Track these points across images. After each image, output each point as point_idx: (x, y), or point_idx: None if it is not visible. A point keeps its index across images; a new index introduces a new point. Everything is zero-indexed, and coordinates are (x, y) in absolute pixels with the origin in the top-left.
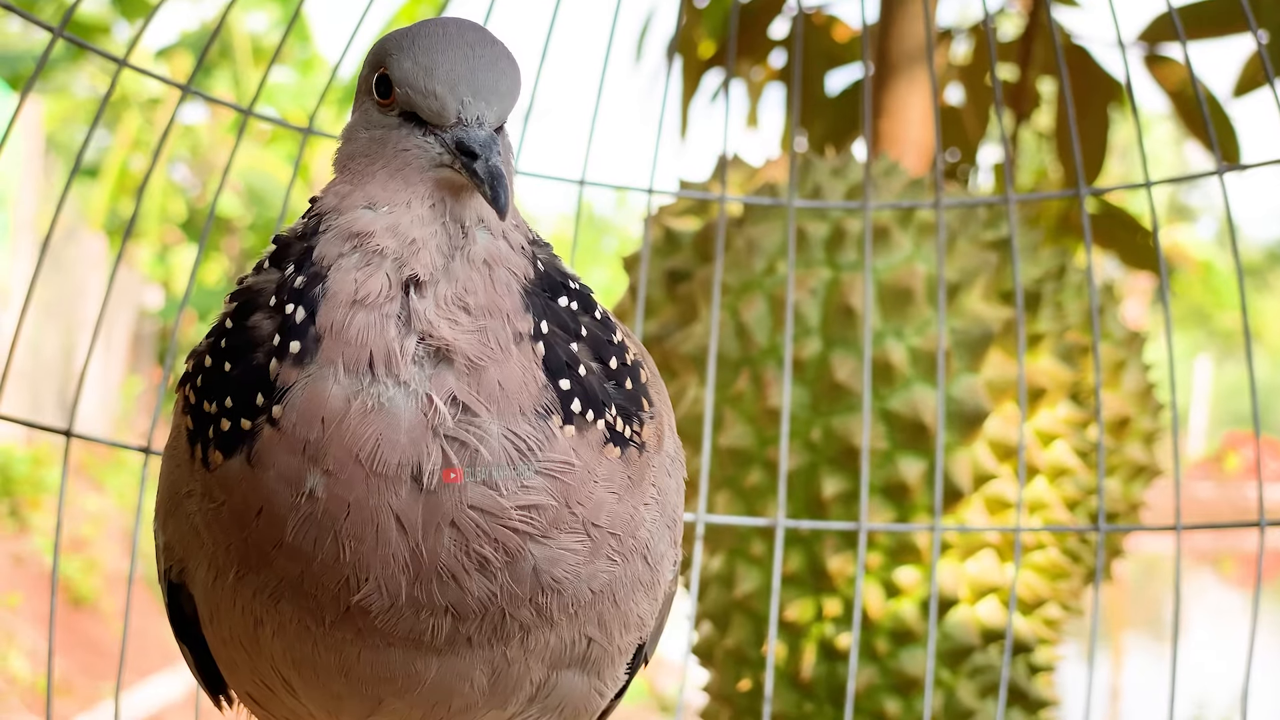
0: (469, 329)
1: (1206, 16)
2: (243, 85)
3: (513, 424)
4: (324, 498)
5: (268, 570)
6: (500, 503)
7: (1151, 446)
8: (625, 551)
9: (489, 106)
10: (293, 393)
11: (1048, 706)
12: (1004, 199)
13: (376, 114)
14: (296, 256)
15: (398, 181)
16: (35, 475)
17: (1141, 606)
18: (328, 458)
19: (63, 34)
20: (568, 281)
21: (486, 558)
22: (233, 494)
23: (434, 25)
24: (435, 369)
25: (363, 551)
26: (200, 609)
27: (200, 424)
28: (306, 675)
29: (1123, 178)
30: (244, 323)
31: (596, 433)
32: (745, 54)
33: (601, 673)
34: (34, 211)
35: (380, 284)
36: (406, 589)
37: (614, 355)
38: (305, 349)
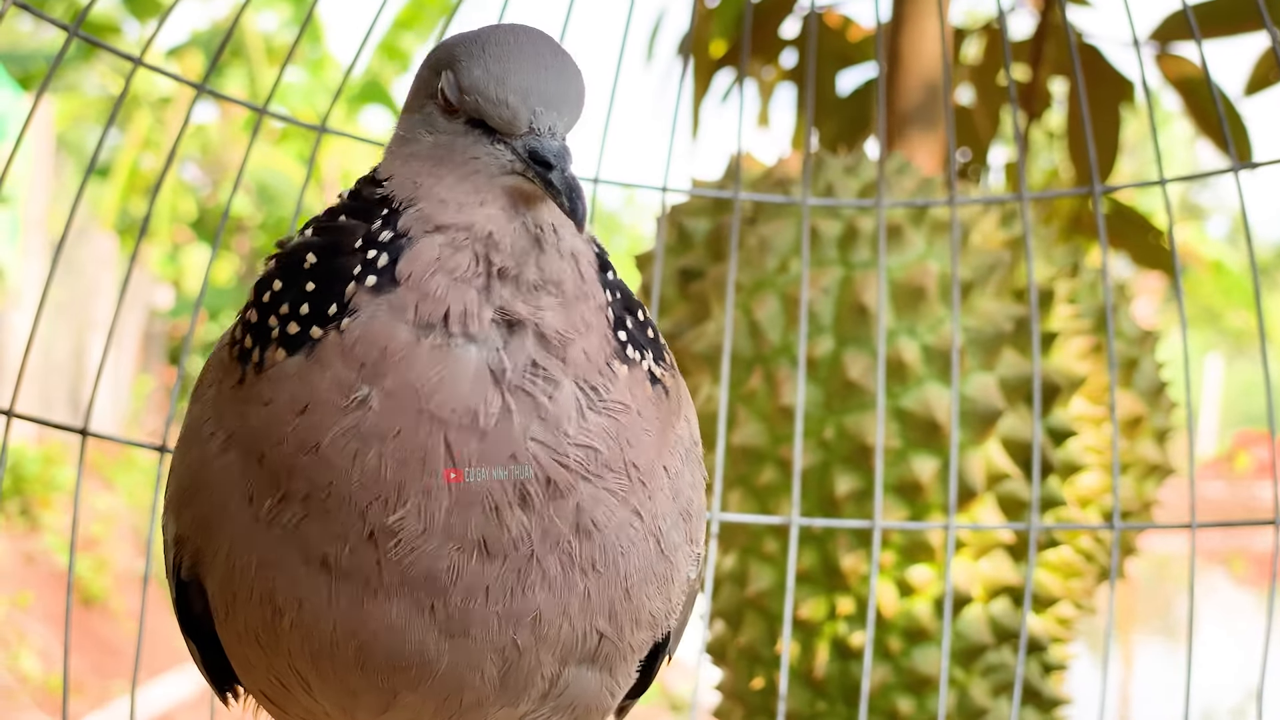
0: (551, 306)
1: (1219, 15)
2: (256, 84)
3: (589, 375)
4: (375, 411)
5: (297, 481)
6: (561, 441)
7: (1164, 445)
8: (646, 515)
9: (560, 116)
10: (361, 314)
11: (1060, 705)
12: (1018, 197)
13: (441, 119)
14: (382, 216)
15: (467, 186)
16: (46, 474)
17: (1152, 605)
18: (385, 381)
19: (78, 33)
20: (603, 253)
21: (529, 495)
22: (282, 391)
23: (503, 32)
24: (513, 337)
25: (405, 475)
26: (215, 604)
27: (262, 331)
28: (324, 669)
29: (1133, 176)
30: (329, 259)
31: (642, 371)
32: (756, 53)
33: (613, 670)
34: (44, 210)
35: (468, 261)
36: (444, 516)
37: (639, 308)
38: (382, 285)
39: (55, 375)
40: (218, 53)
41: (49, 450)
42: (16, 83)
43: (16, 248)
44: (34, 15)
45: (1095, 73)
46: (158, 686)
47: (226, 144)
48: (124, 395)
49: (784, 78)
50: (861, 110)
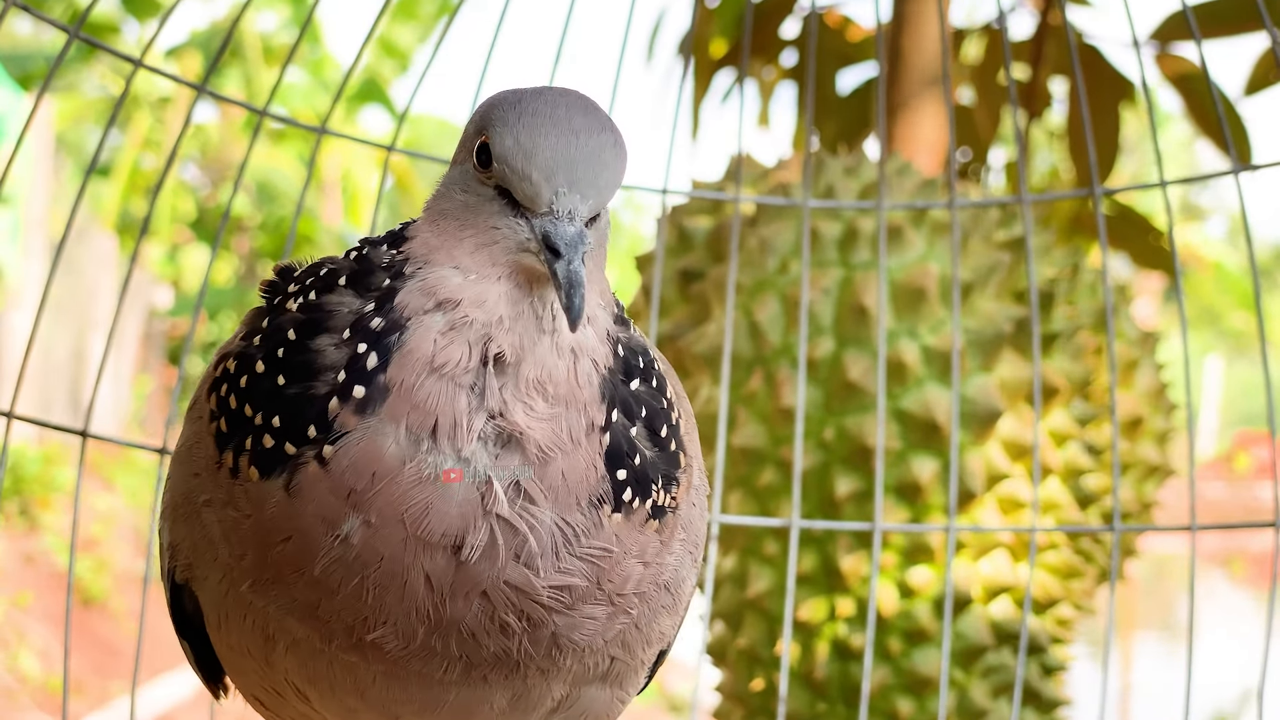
0: (543, 417)
1: (1219, 15)
2: (254, 85)
3: (566, 513)
4: (358, 545)
5: (283, 589)
6: (535, 582)
7: (1164, 446)
8: (648, 599)
9: (583, 200)
10: (349, 439)
11: (1060, 706)
12: (1018, 199)
13: (474, 180)
14: (379, 293)
15: (483, 256)
16: (45, 474)
17: (1151, 606)
18: (372, 510)
19: (78, 35)
20: (639, 360)
21: (509, 624)
22: (261, 513)
23: (544, 102)
24: (501, 451)
25: (385, 600)
26: (208, 614)
27: (236, 430)
28: (322, 690)
29: (1131, 177)
30: (308, 341)
31: (642, 513)
32: (756, 54)
33: (624, 684)
34: (44, 210)
35: (461, 353)
36: (423, 637)
37: (664, 423)
38: (370, 398)
39: (54, 375)
40: (218, 54)
41: (48, 450)
42: (16, 83)
43: (17, 248)
44: (34, 17)
45: (1095, 73)
46: (157, 687)
47: (226, 144)
48: (124, 395)
49: (784, 78)
50: (861, 110)
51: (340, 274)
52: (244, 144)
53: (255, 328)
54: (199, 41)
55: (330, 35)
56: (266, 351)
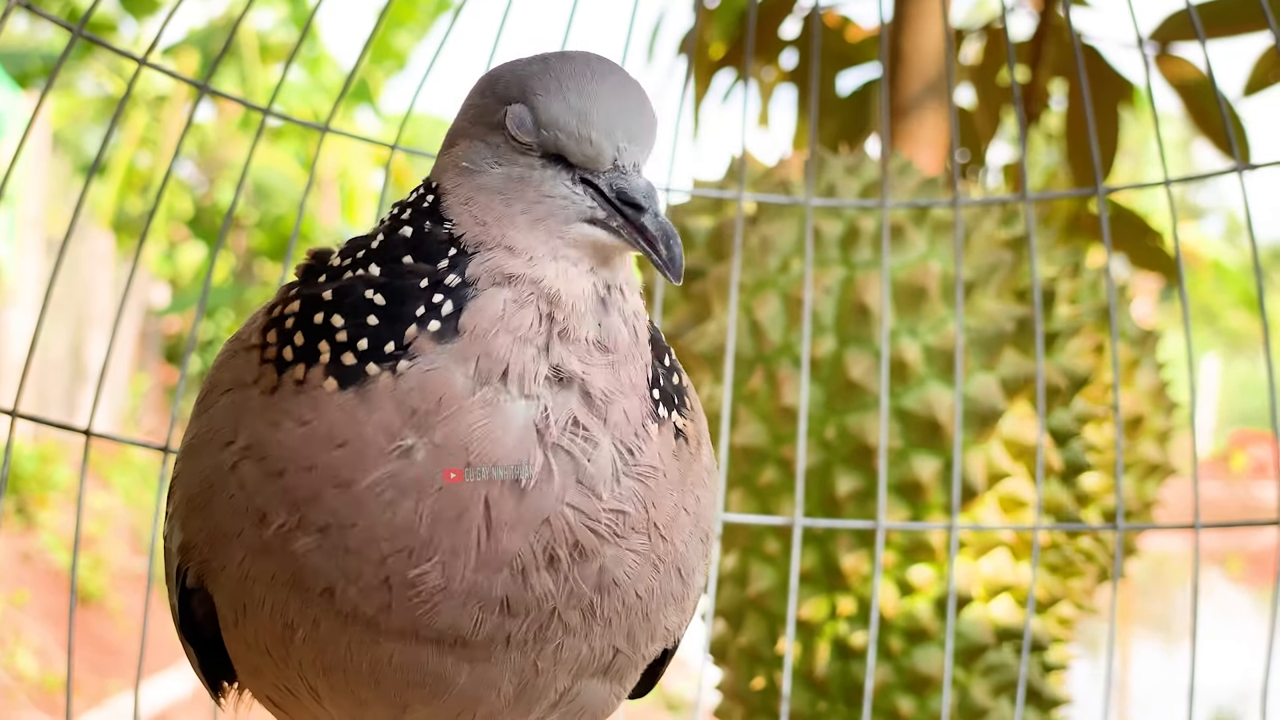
0: (601, 364)
1: (1219, 15)
2: (250, 83)
3: (626, 437)
4: (420, 463)
5: (318, 511)
6: (595, 506)
7: (1165, 445)
8: (668, 558)
9: (642, 151)
10: (420, 361)
11: (1060, 705)
12: (1020, 198)
13: (509, 151)
14: (449, 259)
15: (540, 232)
16: (42, 473)
17: (1149, 605)
18: (436, 432)
19: (82, 33)
20: None
21: (558, 556)
22: (322, 417)
23: (577, 64)
24: (560, 390)
25: (437, 530)
26: (223, 612)
27: (305, 354)
28: (335, 680)
29: (1128, 177)
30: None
31: (669, 428)
32: (756, 54)
33: (623, 679)
34: (41, 208)
35: (531, 319)
36: (468, 576)
37: (665, 353)
38: (444, 333)
39: (52, 373)
40: (221, 53)
41: (45, 449)
42: (13, 81)
43: (12, 246)
44: (35, 14)
45: (1094, 74)
46: (155, 685)
47: (222, 142)
48: (120, 393)
49: (784, 78)
50: (861, 111)
51: (400, 246)
52: (240, 142)
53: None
54: (196, 40)
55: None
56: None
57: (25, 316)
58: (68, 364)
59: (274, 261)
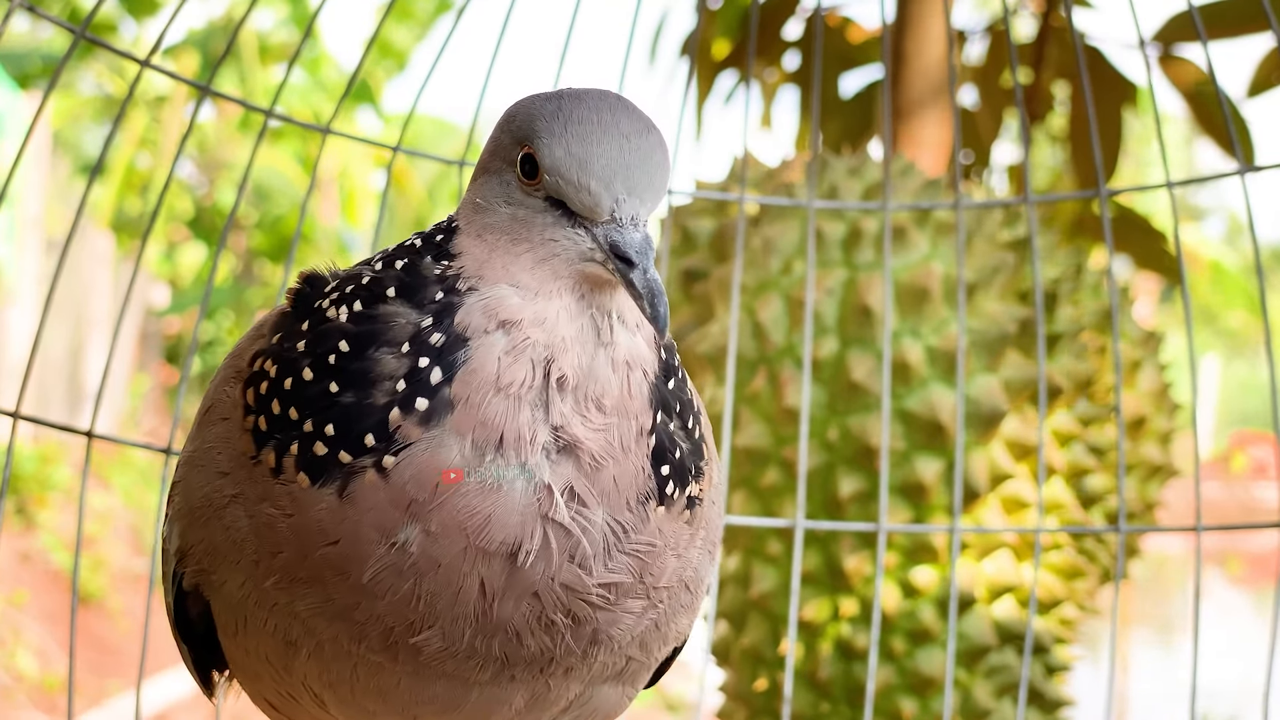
0: (598, 427)
1: (1222, 16)
2: (249, 83)
3: (618, 514)
4: (416, 553)
5: (318, 589)
6: (586, 581)
7: (1167, 446)
8: (673, 593)
9: (643, 204)
10: (412, 450)
11: (1063, 706)
12: (1023, 200)
13: (519, 191)
14: (435, 307)
15: (544, 271)
16: (42, 473)
17: (1148, 606)
18: (432, 521)
19: (84, 34)
20: (672, 358)
21: (555, 623)
22: (306, 515)
23: (587, 107)
24: (559, 459)
25: (436, 605)
26: (222, 620)
27: (277, 430)
28: (342, 693)
29: (1129, 179)
30: (364, 351)
31: (680, 504)
32: (759, 55)
33: (635, 682)
34: (40, 209)
35: (525, 373)
36: (468, 640)
37: (690, 414)
38: (434, 410)
39: (51, 373)
40: (224, 54)
41: (45, 449)
42: (13, 81)
43: (12, 246)
44: (36, 15)
45: (1097, 75)
46: (155, 685)
47: (222, 142)
48: (121, 394)
49: (786, 80)
50: (863, 112)
51: (387, 284)
52: (240, 142)
53: (292, 330)
54: (196, 40)
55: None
56: (315, 358)
57: (25, 317)
58: (67, 365)
59: (274, 262)
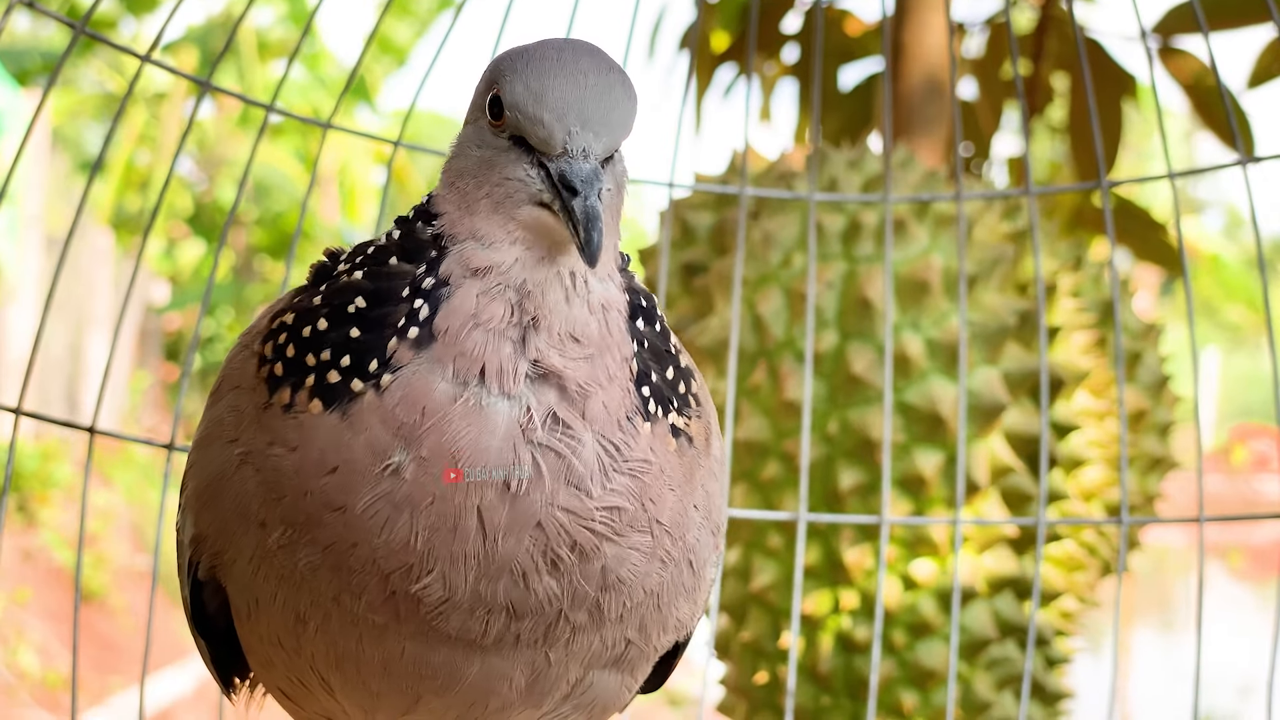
0: (578, 357)
1: (1222, 8)
2: (248, 79)
3: (608, 431)
4: (409, 480)
5: (318, 532)
6: (587, 504)
7: (1167, 439)
8: (676, 553)
9: (597, 138)
10: (403, 373)
11: (1064, 699)
12: (1023, 192)
13: (489, 133)
14: (428, 260)
15: (499, 216)
16: (43, 470)
17: (1149, 598)
18: (423, 446)
19: (84, 30)
20: (640, 300)
21: (560, 557)
22: (311, 443)
23: (549, 47)
24: (540, 387)
25: (434, 543)
26: (236, 603)
27: (293, 372)
28: (348, 672)
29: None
30: (379, 306)
31: (664, 426)
32: (758, 48)
33: (634, 671)
34: (41, 206)
35: (502, 310)
36: (471, 584)
37: (671, 363)
38: (422, 338)
39: (51, 371)
40: (223, 50)
41: (46, 447)
42: (13, 79)
43: (13, 243)
44: (37, 12)
45: (1096, 67)
46: (158, 682)
47: (221, 139)
48: (121, 391)
49: (786, 73)
50: (862, 105)
51: (391, 251)
52: (239, 139)
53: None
54: (195, 37)
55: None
56: (333, 309)
57: (25, 314)
58: (67, 361)
59: (274, 259)
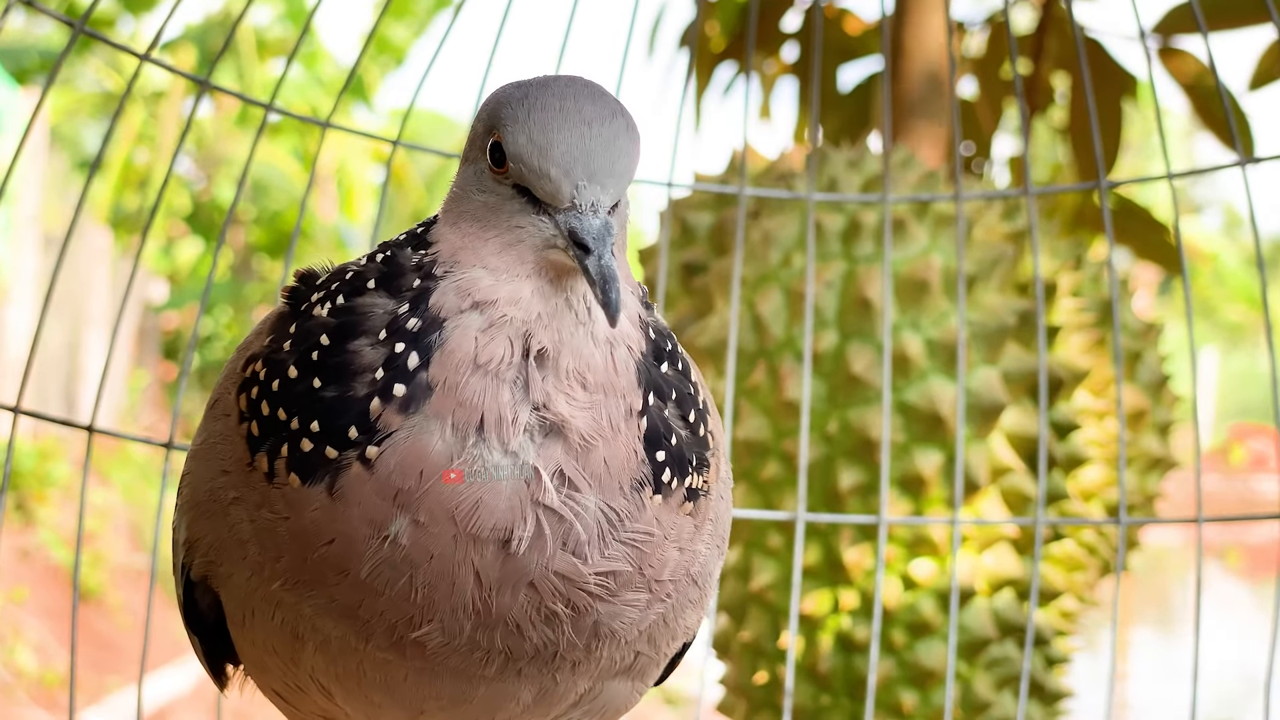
0: (584, 405)
1: (1222, 8)
2: (247, 78)
3: (610, 499)
4: (407, 545)
5: (321, 590)
6: (582, 570)
7: (1167, 438)
8: (680, 588)
9: (604, 190)
10: (394, 439)
11: (1063, 698)
12: (1023, 192)
13: (490, 179)
14: (412, 294)
15: (511, 255)
16: (41, 469)
17: (1148, 598)
18: (420, 510)
19: (83, 29)
20: (666, 343)
21: (555, 613)
22: (301, 516)
23: (551, 94)
24: (545, 441)
25: (434, 598)
26: (230, 611)
27: (268, 433)
28: (349, 687)
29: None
30: (343, 344)
31: (679, 495)
32: (758, 47)
33: (645, 677)
34: (38, 205)
35: (503, 350)
36: (469, 633)
37: (693, 408)
38: (412, 396)
39: (49, 369)
40: (222, 49)
41: (44, 445)
42: (11, 77)
43: (9, 243)
44: (36, 10)
45: (1097, 67)
46: (156, 681)
47: (220, 138)
48: (119, 390)
49: (785, 72)
50: (862, 105)
51: (368, 277)
52: (237, 138)
53: (282, 332)
54: (193, 36)
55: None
56: (299, 356)
57: (23, 313)
58: (65, 360)
59: (272, 258)
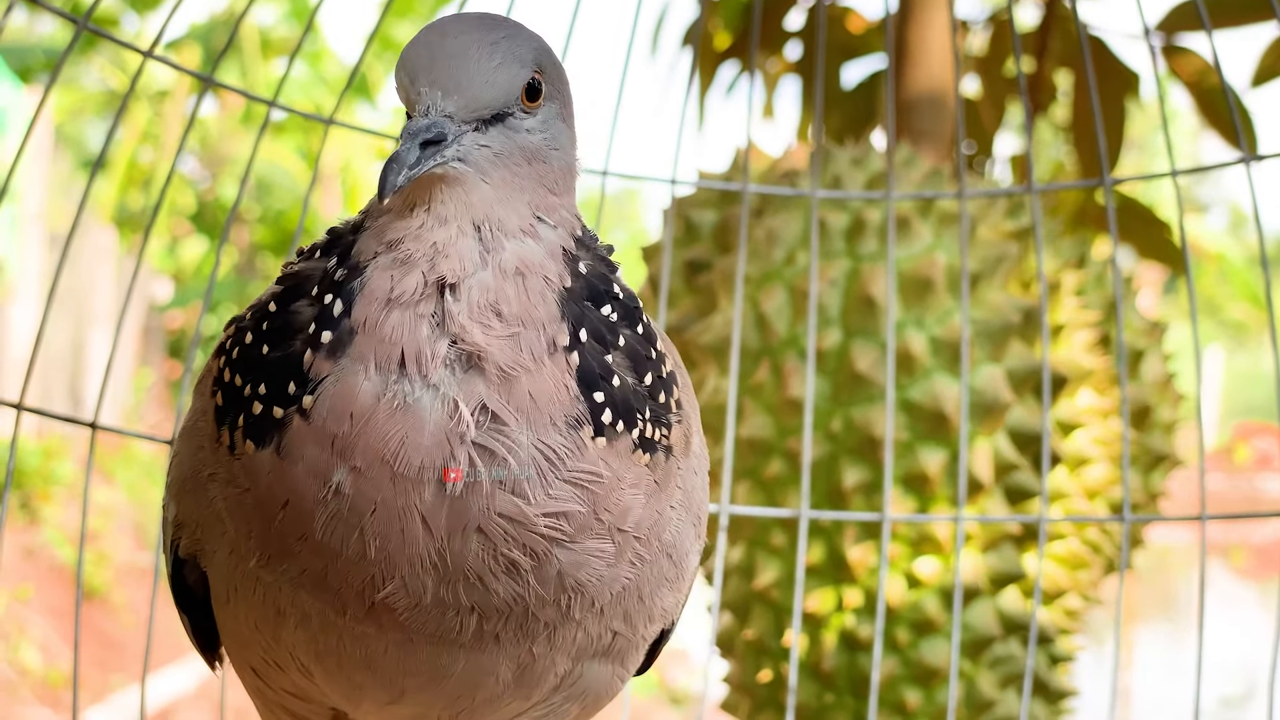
0: (500, 335)
1: (1226, 5)
2: (250, 77)
3: (543, 434)
4: (350, 494)
5: (291, 561)
6: (526, 511)
7: (1171, 437)
8: (651, 554)
9: (446, 97)
10: (324, 385)
11: (1067, 697)
12: (1027, 189)
13: None
14: (341, 249)
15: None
16: (45, 468)
17: (1152, 596)
18: (355, 454)
19: (87, 26)
20: (611, 288)
21: (515, 561)
22: (259, 484)
23: (436, 19)
24: (466, 374)
25: (389, 550)
26: (215, 589)
27: (230, 404)
28: (329, 666)
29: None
30: (287, 307)
31: (627, 441)
32: (761, 46)
33: (625, 660)
34: (42, 204)
35: (415, 283)
36: (433, 589)
37: (650, 370)
38: (338, 340)
39: (53, 367)
40: (226, 47)
41: (48, 444)
42: (15, 75)
43: (14, 241)
44: (36, 7)
45: (1100, 65)
46: (159, 680)
47: (224, 136)
48: (124, 388)
49: (789, 70)
50: (866, 103)
51: (315, 247)
52: (242, 136)
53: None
54: (197, 34)
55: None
56: (253, 323)
57: (27, 312)
58: (69, 358)
59: (276, 256)
